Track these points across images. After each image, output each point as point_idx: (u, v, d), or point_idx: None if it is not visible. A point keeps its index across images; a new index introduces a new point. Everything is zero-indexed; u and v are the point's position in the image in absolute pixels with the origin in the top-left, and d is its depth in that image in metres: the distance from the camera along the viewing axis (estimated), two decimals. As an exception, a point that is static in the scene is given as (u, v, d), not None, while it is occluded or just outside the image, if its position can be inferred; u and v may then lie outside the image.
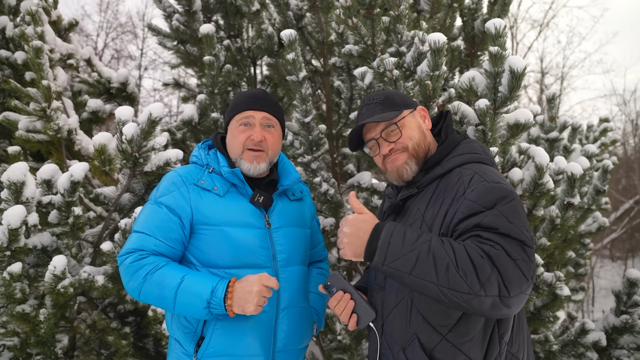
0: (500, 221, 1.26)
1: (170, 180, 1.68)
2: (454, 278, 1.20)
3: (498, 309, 1.21)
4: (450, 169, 1.46)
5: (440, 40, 2.07)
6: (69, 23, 3.06)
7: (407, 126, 1.54)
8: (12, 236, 1.94)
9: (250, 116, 1.69)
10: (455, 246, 1.24)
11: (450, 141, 1.52)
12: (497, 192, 1.31)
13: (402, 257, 1.25)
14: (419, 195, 1.49)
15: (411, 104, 1.58)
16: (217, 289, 1.48)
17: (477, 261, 1.20)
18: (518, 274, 1.20)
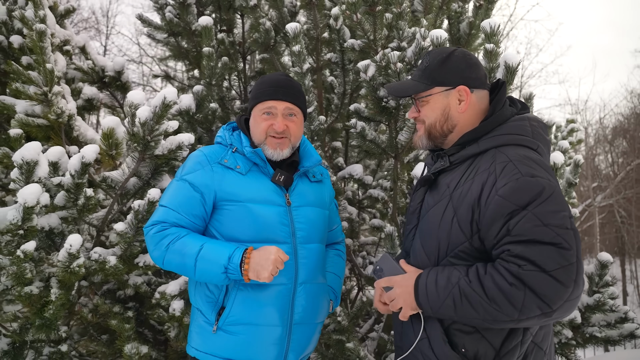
0: (531, 226, 1.21)
1: (196, 159, 1.75)
2: (492, 313, 1.22)
3: (551, 320, 1.22)
4: (486, 149, 1.38)
5: (441, 36, 2.25)
6: (65, 9, 3.04)
7: (430, 104, 1.51)
8: (27, 214, 1.94)
9: (272, 107, 1.76)
10: (484, 279, 1.24)
11: (495, 118, 1.42)
12: (531, 188, 1.24)
13: (443, 304, 1.29)
14: (452, 171, 1.45)
15: (451, 80, 1.47)
16: (234, 255, 1.57)
17: (507, 290, 1.19)
18: (555, 286, 1.17)
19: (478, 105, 1.48)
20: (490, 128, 1.41)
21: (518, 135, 1.38)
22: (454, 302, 1.27)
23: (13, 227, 1.93)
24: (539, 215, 1.21)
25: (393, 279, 1.46)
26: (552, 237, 1.19)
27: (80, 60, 3.19)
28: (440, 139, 1.52)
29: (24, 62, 2.78)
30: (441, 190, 1.44)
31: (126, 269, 2.24)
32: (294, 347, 1.70)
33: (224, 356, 1.66)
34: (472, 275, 1.27)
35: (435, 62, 1.50)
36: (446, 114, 1.48)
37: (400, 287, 1.42)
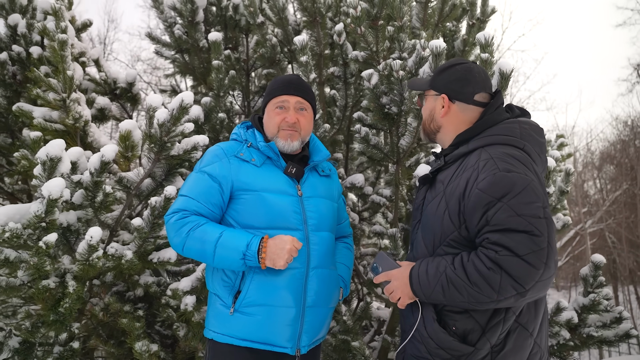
0: (506, 217, 1.35)
1: (214, 153, 1.88)
2: (474, 295, 1.38)
3: (525, 299, 1.38)
4: (474, 148, 1.54)
5: (440, 46, 2.42)
6: (82, 23, 3.20)
7: (427, 103, 1.78)
8: (50, 207, 2.03)
9: (285, 100, 1.91)
10: (466, 266, 1.40)
11: (484, 121, 1.59)
12: (506, 182, 1.38)
13: (433, 290, 1.47)
14: (446, 169, 1.62)
15: (440, 89, 1.68)
16: (252, 243, 1.68)
17: (486, 274, 1.35)
18: (527, 268, 1.31)
19: (462, 115, 1.66)
20: (480, 130, 1.59)
21: (505, 135, 1.53)
22: (442, 288, 1.44)
23: (36, 220, 2.01)
24: (513, 207, 1.36)
25: (390, 273, 1.63)
26: (525, 225, 1.33)
27: (93, 72, 3.33)
28: (431, 135, 1.77)
29: (42, 71, 2.91)
30: (437, 187, 1.62)
31: (140, 265, 2.31)
32: (307, 328, 1.78)
33: (241, 336, 1.73)
34: (456, 263, 1.44)
35: (439, 69, 1.74)
36: (432, 115, 1.73)
37: (397, 280, 1.60)
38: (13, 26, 3.11)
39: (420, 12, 3.17)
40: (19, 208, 2.17)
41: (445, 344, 1.49)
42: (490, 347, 1.46)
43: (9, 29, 3.18)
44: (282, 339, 1.74)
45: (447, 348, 1.48)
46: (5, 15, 3.20)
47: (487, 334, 1.46)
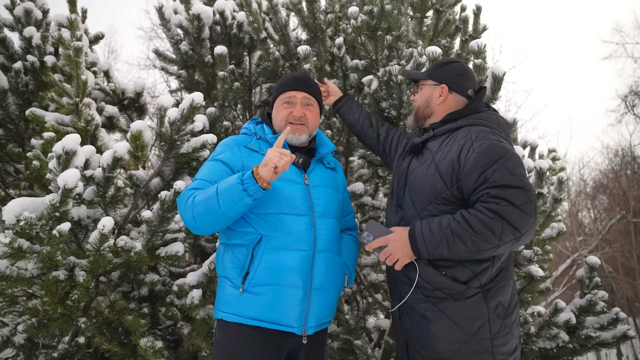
0: (504, 173, 1.63)
1: (225, 143, 2.00)
2: (478, 244, 1.61)
3: (519, 244, 1.64)
4: (462, 126, 1.86)
5: (436, 52, 2.57)
6: (95, 36, 3.35)
7: (422, 91, 2.05)
8: (64, 197, 2.10)
9: (292, 96, 2.05)
10: (470, 219, 1.62)
11: (470, 107, 1.92)
12: (500, 149, 1.69)
13: (438, 245, 1.65)
14: (434, 141, 1.90)
15: (439, 79, 1.99)
16: (245, 173, 1.72)
17: (489, 223, 1.59)
18: (522, 215, 1.59)
19: (454, 104, 1.98)
20: (467, 113, 1.90)
21: (486, 121, 1.85)
22: (447, 242, 1.63)
23: (51, 209, 2.08)
24: (508, 168, 1.64)
25: (387, 238, 1.77)
26: (518, 182, 1.62)
27: (103, 82, 3.46)
28: (422, 120, 2.04)
29: (56, 78, 3.03)
30: (425, 155, 1.88)
31: (148, 258, 2.37)
32: (314, 310, 1.84)
33: (250, 315, 1.78)
34: (459, 218, 1.65)
35: (438, 63, 2.05)
36: (428, 102, 2.00)
37: (396, 242, 1.75)
38: (28, 38, 3.25)
39: (416, 27, 3.35)
40: (32, 201, 2.24)
41: (440, 285, 1.71)
42: (480, 286, 1.71)
43: (24, 41, 3.32)
44: (289, 318, 1.80)
45: (443, 288, 1.71)
46: (21, 29, 3.35)
47: (479, 276, 1.71)
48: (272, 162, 1.69)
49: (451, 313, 1.70)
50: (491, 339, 1.69)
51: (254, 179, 1.70)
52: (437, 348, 1.71)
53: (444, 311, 1.71)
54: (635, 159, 18.23)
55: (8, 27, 3.41)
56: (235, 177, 1.73)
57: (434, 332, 1.71)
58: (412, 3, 3.23)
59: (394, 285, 1.93)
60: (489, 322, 1.70)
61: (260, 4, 4.05)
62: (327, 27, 3.65)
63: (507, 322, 1.75)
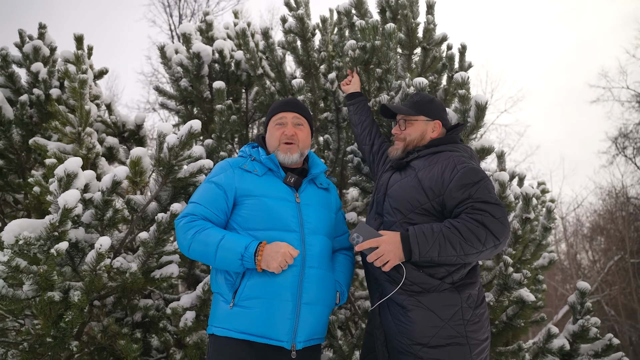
0: (485, 192, 1.91)
1: (220, 165, 2.10)
2: (465, 249, 1.83)
3: (496, 251, 1.90)
4: (442, 151, 2.12)
5: (423, 82, 2.73)
6: (99, 71, 3.52)
7: (414, 127, 2.22)
8: (64, 217, 2.16)
9: (283, 117, 2.17)
10: (459, 226, 1.84)
11: (449, 137, 2.21)
12: (479, 172, 1.97)
13: (430, 248, 1.84)
14: (417, 160, 2.13)
15: (432, 115, 2.22)
16: (250, 246, 1.83)
17: (476, 231, 1.83)
18: (501, 226, 1.86)
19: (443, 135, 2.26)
20: (447, 142, 2.17)
21: (463, 151, 2.13)
22: (439, 244, 1.83)
23: (50, 228, 2.14)
24: (487, 188, 1.92)
25: (379, 239, 1.90)
26: (495, 200, 1.90)
27: (104, 114, 3.59)
28: (411, 151, 2.21)
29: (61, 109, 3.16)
30: (408, 171, 2.11)
31: (143, 280, 2.39)
32: (303, 324, 1.87)
33: (240, 329, 1.82)
34: (449, 225, 1.86)
35: (425, 100, 2.27)
36: (423, 136, 2.21)
37: (388, 244, 1.89)
38: (35, 73, 3.41)
39: (405, 63, 3.54)
40: (31, 222, 2.30)
41: (417, 279, 1.90)
42: (452, 282, 1.92)
43: (30, 76, 3.48)
44: (278, 332, 1.82)
45: (419, 283, 1.90)
46: (28, 65, 3.52)
47: (452, 274, 1.93)
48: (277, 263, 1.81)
49: (428, 302, 1.89)
50: (464, 325, 1.90)
51: (254, 260, 1.82)
52: (416, 334, 1.88)
53: (421, 301, 1.90)
54: (629, 200, 18.38)
55: (16, 63, 3.58)
56: (240, 246, 1.83)
57: (413, 319, 1.89)
58: (401, 40, 3.43)
59: (374, 284, 2.08)
60: (462, 310, 1.90)
61: (257, 43, 4.26)
62: (321, 64, 3.84)
63: (477, 313, 1.95)
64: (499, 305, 2.93)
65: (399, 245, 1.86)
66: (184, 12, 17.35)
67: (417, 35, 3.48)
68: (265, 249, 1.83)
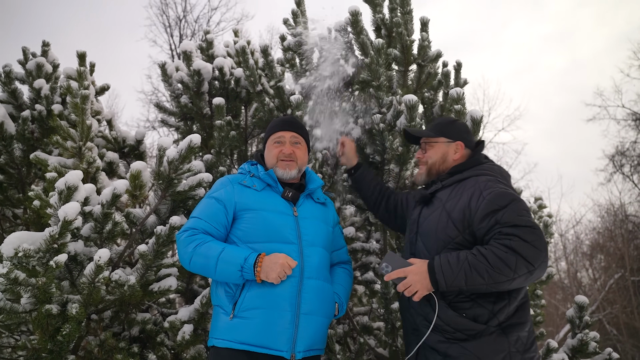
0: (513, 215, 1.78)
1: (220, 181, 2.16)
2: (494, 276, 1.71)
3: (533, 277, 1.75)
4: (468, 177, 2.02)
5: (413, 99, 2.79)
6: (101, 87, 3.57)
7: (434, 149, 2.17)
8: (64, 229, 2.18)
9: (281, 136, 2.22)
10: (485, 253, 1.73)
11: (474, 160, 2.11)
12: (507, 195, 1.85)
13: (456, 277, 1.75)
14: (443, 191, 2.04)
15: (453, 136, 2.15)
16: (249, 258, 1.87)
17: (504, 257, 1.70)
18: (534, 251, 1.71)
19: (466, 157, 2.17)
20: (471, 165, 2.08)
21: (491, 172, 2.03)
22: (465, 273, 1.73)
23: (50, 240, 2.15)
24: (516, 211, 1.79)
25: (407, 269, 1.84)
26: (527, 222, 1.76)
27: (105, 130, 3.64)
28: (435, 175, 2.15)
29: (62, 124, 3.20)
30: (435, 204, 2.02)
31: (141, 293, 2.40)
32: (302, 334, 1.88)
33: (240, 340, 1.83)
34: (475, 252, 1.76)
35: (445, 122, 2.22)
36: (444, 158, 2.15)
37: (415, 274, 1.82)
38: (37, 89, 3.47)
39: (400, 79, 3.60)
40: (31, 235, 2.31)
41: (461, 326, 1.79)
42: (499, 324, 1.79)
43: (33, 92, 3.53)
44: (278, 342, 1.83)
45: (464, 329, 1.79)
46: (31, 81, 3.58)
47: (497, 315, 1.80)
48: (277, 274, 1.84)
49: (474, 349, 1.78)
50: None
51: (253, 271, 1.85)
52: None
53: (467, 348, 1.79)
54: (628, 217, 18.38)
55: (19, 80, 3.64)
56: (240, 258, 1.86)
57: None
58: (396, 57, 3.50)
59: (413, 334, 1.97)
60: (510, 355, 1.77)
61: (256, 60, 4.34)
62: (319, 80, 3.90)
63: (526, 357, 1.81)
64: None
65: (426, 275, 1.80)
66: (185, 32, 17.64)
67: (412, 52, 3.55)
68: (264, 260, 1.86)
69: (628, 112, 17.88)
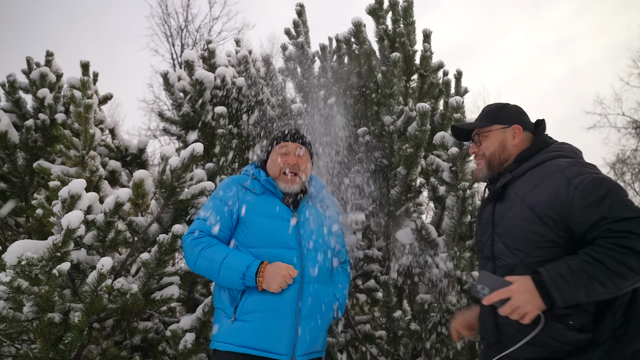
0: (619, 206, 1.51)
1: (225, 182, 2.17)
2: (618, 283, 1.46)
3: None
4: (542, 161, 1.73)
5: (425, 107, 2.81)
6: (104, 96, 3.60)
7: (490, 138, 1.90)
8: (67, 237, 2.18)
9: (285, 146, 2.23)
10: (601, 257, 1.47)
11: (540, 141, 1.83)
12: (603, 182, 1.56)
13: (575, 292, 1.49)
14: (516, 183, 1.76)
15: (507, 121, 1.88)
16: (251, 266, 1.89)
17: (624, 260, 1.45)
18: None
19: (527, 142, 1.88)
20: (539, 148, 1.81)
21: (564, 151, 1.77)
22: (584, 285, 1.48)
23: (53, 249, 2.16)
24: (619, 200, 1.53)
25: (510, 289, 1.57)
26: (634, 211, 1.50)
27: (107, 138, 3.65)
28: (498, 167, 1.88)
29: (67, 134, 3.22)
30: (511, 199, 1.75)
31: (143, 302, 2.40)
32: (303, 338, 1.89)
33: (241, 343, 1.86)
34: (588, 259, 1.49)
35: (495, 108, 1.96)
36: (503, 145, 1.87)
37: (522, 294, 1.55)
38: (41, 98, 3.49)
39: (402, 89, 3.63)
40: (34, 243, 2.32)
41: (569, 340, 1.55)
42: (609, 330, 1.54)
43: (36, 101, 3.56)
44: (278, 346, 1.85)
45: (570, 343, 1.55)
46: (35, 91, 3.61)
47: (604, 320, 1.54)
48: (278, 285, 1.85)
49: None
50: None
51: (255, 280, 1.86)
52: None
53: None
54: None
55: (23, 89, 3.66)
56: (242, 266, 1.88)
57: None
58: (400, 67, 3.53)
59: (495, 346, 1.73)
60: None
61: (258, 70, 4.37)
62: (320, 90, 3.93)
63: None
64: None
65: (535, 294, 1.53)
66: (186, 41, 17.76)
67: (415, 62, 3.59)
68: (266, 270, 1.88)
69: (628, 120, 17.94)
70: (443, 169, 2.85)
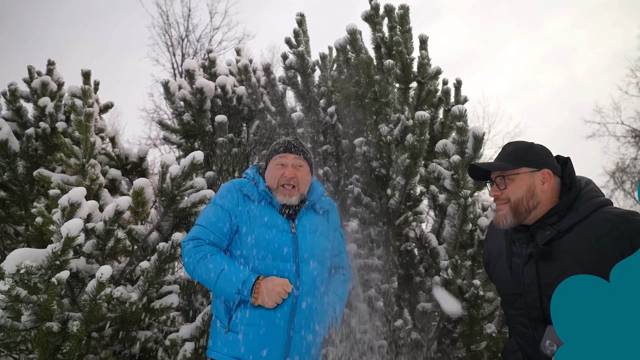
0: None
1: (225, 187, 2.16)
2: None
3: None
4: (587, 214, 1.62)
5: (424, 116, 2.81)
6: (105, 105, 3.61)
7: (517, 182, 1.73)
8: (66, 245, 2.18)
9: (284, 157, 2.21)
10: None
11: (576, 187, 1.70)
12: None
13: None
14: (562, 240, 1.63)
15: (537, 164, 1.72)
16: (247, 281, 1.89)
17: None
18: None
19: (556, 187, 1.74)
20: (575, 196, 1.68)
21: (599, 196, 1.68)
22: None
23: (52, 257, 2.15)
24: None
25: None
26: None
27: (107, 147, 3.66)
28: (525, 214, 1.72)
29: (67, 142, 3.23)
30: (562, 260, 1.62)
31: (142, 311, 2.38)
32: (294, 351, 1.90)
33: (233, 354, 1.88)
34: None
35: (523, 148, 1.79)
36: (532, 191, 1.71)
37: None
38: (42, 107, 3.50)
39: (400, 97, 3.64)
40: (33, 251, 2.31)
41: None
42: None
43: (37, 110, 3.57)
44: (270, 358, 1.83)
45: None
46: (36, 99, 3.62)
47: None
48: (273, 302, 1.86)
49: None
50: None
51: (251, 295, 1.87)
52: None
53: None
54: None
55: (24, 98, 3.68)
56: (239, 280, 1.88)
57: None
58: (397, 75, 3.55)
59: None
60: None
61: (258, 79, 4.39)
62: (320, 98, 3.95)
63: None
64: (501, 337, 2.89)
65: None
66: (187, 51, 17.85)
67: (412, 69, 3.60)
68: (261, 285, 1.88)
69: (627, 129, 17.97)
70: (445, 176, 2.84)
